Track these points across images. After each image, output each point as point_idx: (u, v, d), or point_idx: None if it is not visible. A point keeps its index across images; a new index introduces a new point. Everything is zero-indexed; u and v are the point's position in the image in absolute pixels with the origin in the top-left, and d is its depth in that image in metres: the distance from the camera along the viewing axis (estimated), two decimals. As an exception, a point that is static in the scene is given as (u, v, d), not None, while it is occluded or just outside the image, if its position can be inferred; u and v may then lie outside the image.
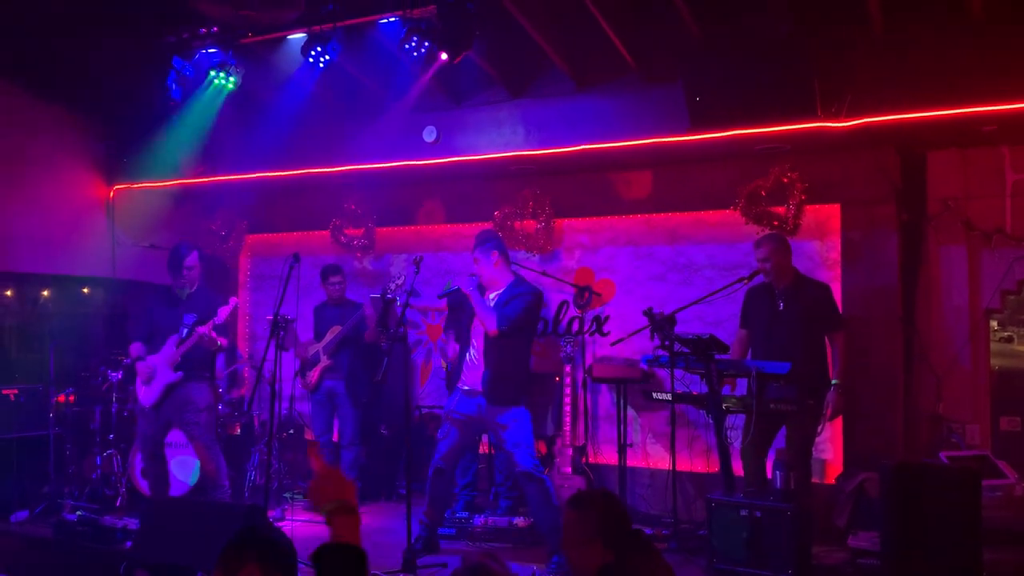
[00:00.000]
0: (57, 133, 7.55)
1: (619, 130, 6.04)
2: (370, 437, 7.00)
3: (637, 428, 6.68)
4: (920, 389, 5.94)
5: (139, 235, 7.89)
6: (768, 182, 6.11)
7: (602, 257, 6.95)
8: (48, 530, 5.73)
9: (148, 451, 5.92)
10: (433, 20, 5.20)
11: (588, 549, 2.67)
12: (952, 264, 5.97)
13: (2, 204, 7.00)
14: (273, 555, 2.19)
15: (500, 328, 4.93)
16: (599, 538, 2.66)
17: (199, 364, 5.79)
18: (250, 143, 7.06)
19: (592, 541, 2.66)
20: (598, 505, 2.76)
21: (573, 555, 2.77)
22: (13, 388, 6.42)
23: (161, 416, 5.80)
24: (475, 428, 5.25)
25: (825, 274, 6.06)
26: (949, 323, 5.95)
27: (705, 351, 5.04)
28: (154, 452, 5.92)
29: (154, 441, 5.89)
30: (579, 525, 2.72)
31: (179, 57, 6.05)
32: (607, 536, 2.66)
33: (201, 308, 5.76)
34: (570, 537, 2.76)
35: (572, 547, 2.76)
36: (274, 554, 2.19)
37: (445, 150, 6.63)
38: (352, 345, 6.69)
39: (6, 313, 7.19)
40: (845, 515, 5.43)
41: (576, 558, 2.74)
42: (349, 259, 7.77)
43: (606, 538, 2.66)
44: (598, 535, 2.66)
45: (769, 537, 4.52)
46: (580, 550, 2.70)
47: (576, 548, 2.73)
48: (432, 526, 5.31)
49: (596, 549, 2.65)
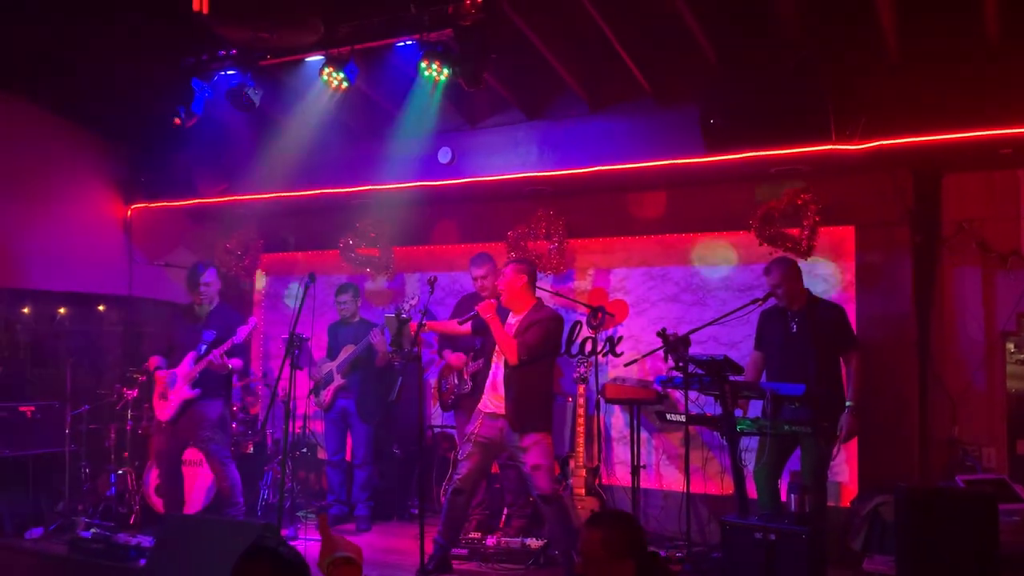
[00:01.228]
0: (76, 152, 7.65)
1: (633, 151, 6.07)
2: (383, 457, 7.00)
3: (651, 449, 6.66)
4: (935, 412, 5.90)
5: (155, 254, 7.97)
6: (782, 204, 6.11)
7: (615, 278, 6.96)
8: (63, 547, 5.76)
9: (164, 468, 5.95)
10: (450, 43, 5.25)
11: (615, 568, 2.65)
12: (967, 286, 5.95)
13: (20, 222, 7.09)
14: (285, 571, 2.20)
15: (520, 359, 4.94)
16: (628, 557, 2.64)
17: (215, 382, 5.85)
18: (267, 163, 7.13)
19: (620, 560, 2.64)
20: (624, 524, 2.75)
21: (596, 572, 2.73)
22: (30, 405, 6.46)
23: (178, 432, 5.85)
24: (496, 450, 5.25)
25: (839, 296, 6.06)
26: (964, 345, 5.91)
27: (719, 372, 5.02)
28: (170, 469, 5.96)
29: (170, 458, 5.93)
30: (605, 544, 2.69)
31: (198, 79, 6.11)
32: (635, 555, 2.65)
33: (219, 325, 5.85)
34: (595, 556, 2.71)
35: (596, 565, 2.72)
36: (286, 570, 2.20)
37: (460, 171, 6.68)
38: (365, 365, 6.70)
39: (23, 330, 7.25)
40: (860, 538, 5.40)
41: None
42: (363, 278, 7.81)
43: (634, 557, 2.64)
44: (627, 554, 2.65)
45: (784, 560, 4.49)
46: (607, 568, 2.68)
47: (601, 567, 2.69)
48: (447, 547, 5.29)
49: (624, 568, 2.64)
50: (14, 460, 6.21)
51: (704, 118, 5.49)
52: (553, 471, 5.08)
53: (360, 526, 6.57)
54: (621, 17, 5.35)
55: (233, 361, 5.91)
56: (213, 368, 5.73)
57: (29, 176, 7.19)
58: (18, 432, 6.31)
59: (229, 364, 5.84)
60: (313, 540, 5.96)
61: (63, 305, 7.38)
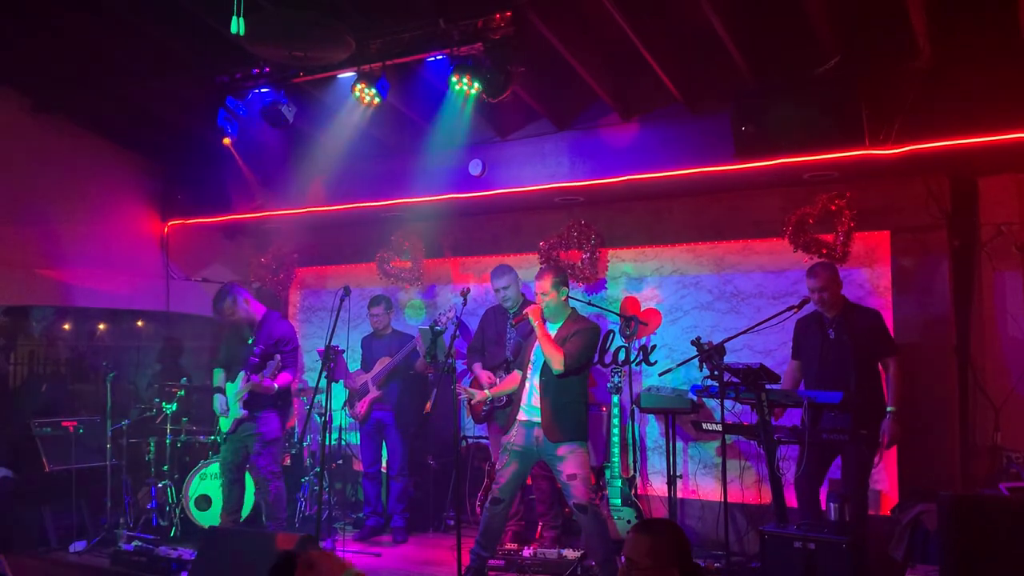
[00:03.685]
0: (114, 171, 7.82)
1: (664, 160, 6.06)
2: (418, 468, 7.03)
3: (686, 459, 6.63)
4: (977, 419, 5.81)
5: (192, 269, 8.10)
6: (816, 209, 6.08)
7: (648, 286, 6.95)
8: (105, 560, 5.85)
9: (227, 477, 6.05)
10: (480, 57, 5.29)
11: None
12: (1007, 290, 5.86)
13: (60, 240, 7.26)
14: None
15: (568, 367, 4.96)
16: (673, 567, 2.63)
17: (265, 399, 5.90)
18: (300, 178, 7.22)
19: (665, 570, 2.64)
20: (673, 534, 2.74)
21: None
22: (72, 420, 6.57)
23: (237, 443, 5.94)
24: (532, 459, 5.25)
25: (876, 302, 5.99)
26: (1006, 351, 5.82)
27: (755, 381, 4.99)
28: (233, 478, 6.04)
29: (233, 466, 6.02)
30: (654, 551, 2.68)
31: (232, 96, 6.21)
32: (680, 566, 2.64)
33: (264, 339, 5.92)
34: (642, 562, 2.70)
35: (640, 572, 2.70)
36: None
37: (491, 182, 6.71)
38: (401, 376, 6.75)
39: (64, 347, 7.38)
40: (902, 548, 5.32)
41: None
42: (396, 291, 7.86)
43: (679, 568, 2.64)
44: (673, 564, 2.64)
45: (824, 570, 4.43)
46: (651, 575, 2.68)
47: (646, 573, 2.68)
48: (485, 557, 5.29)
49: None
50: (58, 474, 6.32)
51: (736, 125, 5.47)
52: (589, 481, 5.06)
53: (397, 537, 6.60)
54: (650, 27, 5.35)
55: (281, 378, 5.91)
56: (258, 391, 5.81)
57: (69, 195, 7.36)
58: (61, 447, 6.42)
59: (275, 385, 5.86)
60: (350, 552, 6.01)
61: (102, 321, 7.51)
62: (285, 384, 5.98)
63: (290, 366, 6.00)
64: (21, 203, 7.00)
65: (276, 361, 5.82)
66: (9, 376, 6.87)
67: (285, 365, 5.92)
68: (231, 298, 5.99)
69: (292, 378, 6.05)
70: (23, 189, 7.02)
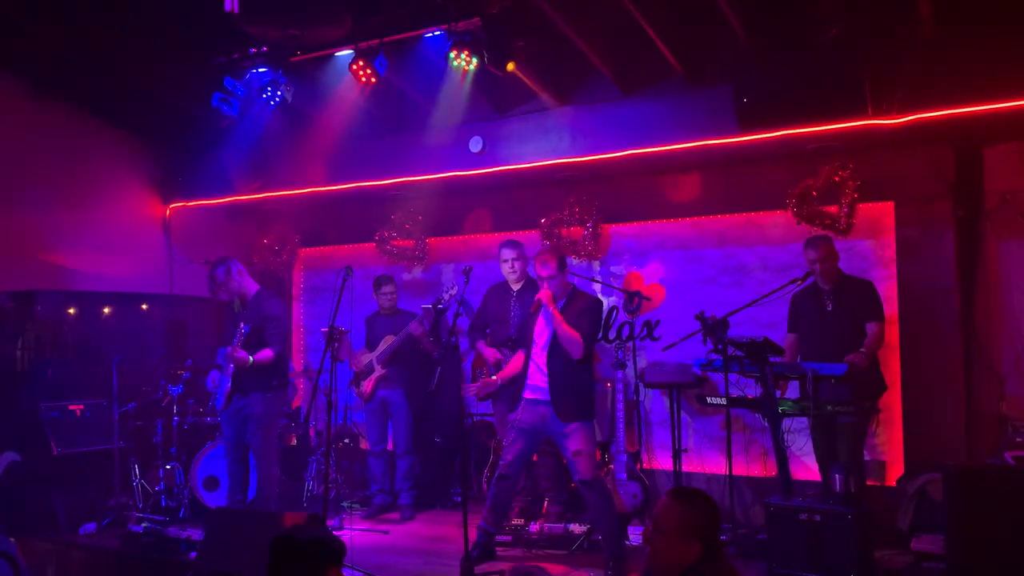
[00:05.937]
0: (115, 154, 7.81)
1: (666, 133, 6.02)
2: (424, 446, 7.05)
3: (691, 433, 6.64)
4: (982, 388, 5.80)
5: (195, 252, 8.10)
6: (819, 181, 6.04)
7: (651, 261, 6.93)
8: (115, 541, 5.88)
9: (231, 455, 6.06)
10: (478, 32, 5.24)
11: (685, 546, 2.61)
12: (1011, 259, 5.83)
13: (63, 225, 7.25)
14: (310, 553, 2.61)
15: (587, 351, 4.97)
16: (698, 540, 2.63)
17: (249, 379, 5.86)
18: (301, 158, 7.19)
19: (691, 539, 2.62)
20: (704, 508, 2.70)
21: (663, 545, 2.69)
22: (79, 404, 6.60)
23: (235, 418, 5.94)
24: (539, 436, 5.26)
25: (880, 273, 5.97)
26: (1010, 320, 5.80)
27: (760, 354, 4.98)
28: (236, 455, 6.05)
29: (235, 443, 6.02)
30: (682, 520, 2.66)
31: (230, 77, 6.18)
32: (704, 540, 2.62)
33: (251, 316, 5.87)
34: (668, 527, 2.68)
35: (665, 537, 2.68)
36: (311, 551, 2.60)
37: (491, 159, 6.68)
38: (406, 355, 6.75)
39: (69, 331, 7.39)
40: (908, 518, 5.33)
41: (665, 549, 2.68)
42: (399, 270, 7.86)
43: (703, 542, 2.62)
44: (698, 537, 2.63)
45: (830, 541, 4.45)
46: (674, 542, 2.65)
47: (670, 539, 2.67)
48: (492, 533, 5.32)
49: (693, 549, 2.62)
50: (66, 457, 6.35)
51: (737, 97, 5.44)
52: (595, 457, 5.07)
53: (404, 515, 6.63)
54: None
55: (261, 353, 5.76)
56: (236, 363, 5.77)
57: (70, 179, 7.36)
58: (69, 430, 6.45)
59: (250, 359, 5.69)
60: (358, 530, 6.04)
61: (107, 305, 7.50)
62: (263, 360, 5.77)
63: (272, 343, 5.84)
64: (23, 188, 6.99)
65: (239, 340, 5.74)
66: (16, 361, 6.88)
67: (267, 342, 5.82)
68: (224, 267, 5.96)
69: (273, 355, 5.82)
70: (24, 174, 7.01)
